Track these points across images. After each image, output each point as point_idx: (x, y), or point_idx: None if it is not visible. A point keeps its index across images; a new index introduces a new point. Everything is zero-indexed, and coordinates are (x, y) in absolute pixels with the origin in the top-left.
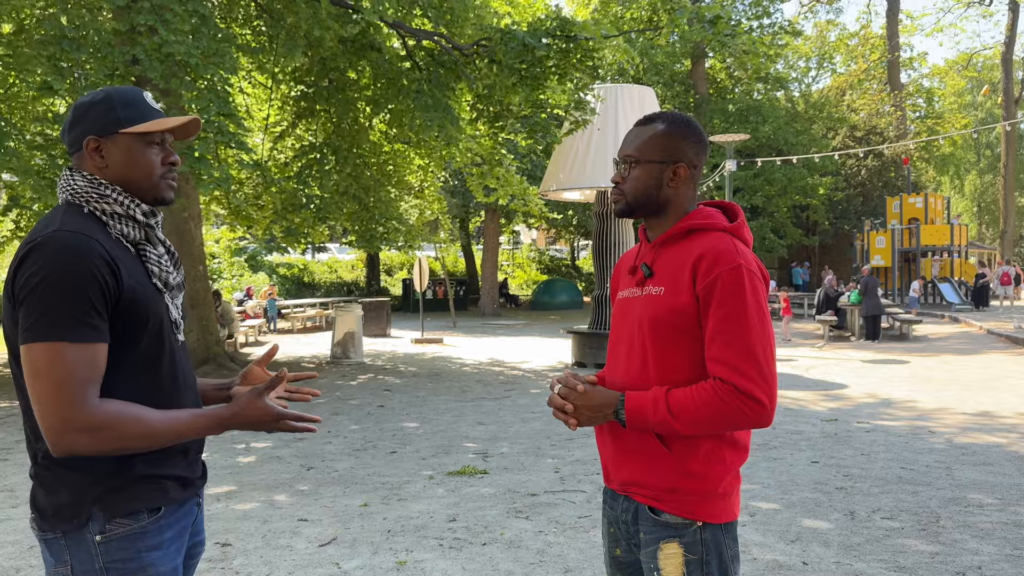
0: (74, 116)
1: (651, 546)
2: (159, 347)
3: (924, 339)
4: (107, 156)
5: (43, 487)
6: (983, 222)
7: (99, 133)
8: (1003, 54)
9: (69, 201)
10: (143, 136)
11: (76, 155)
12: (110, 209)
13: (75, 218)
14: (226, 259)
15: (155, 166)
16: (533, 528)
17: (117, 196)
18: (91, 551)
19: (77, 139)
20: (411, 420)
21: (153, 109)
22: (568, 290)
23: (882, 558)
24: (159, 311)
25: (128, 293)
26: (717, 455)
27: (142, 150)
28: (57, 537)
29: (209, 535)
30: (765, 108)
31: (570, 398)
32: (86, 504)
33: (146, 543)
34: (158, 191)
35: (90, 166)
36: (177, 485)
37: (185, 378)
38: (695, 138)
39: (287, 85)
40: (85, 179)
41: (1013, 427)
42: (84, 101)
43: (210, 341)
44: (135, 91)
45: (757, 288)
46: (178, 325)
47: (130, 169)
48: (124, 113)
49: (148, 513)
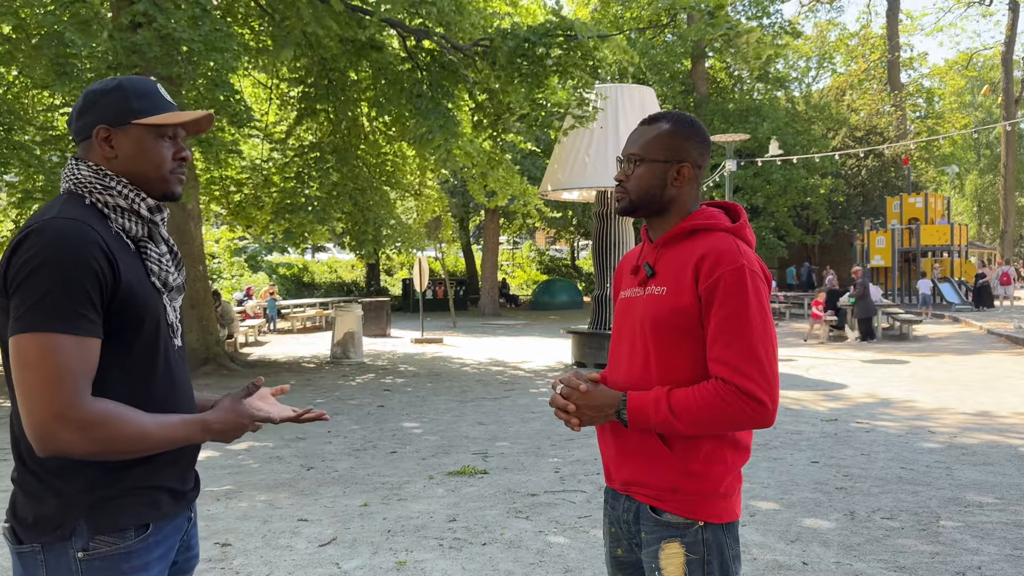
0: (84, 103)
1: (652, 546)
2: (154, 350)
3: (924, 339)
4: (117, 147)
5: (26, 494)
6: (983, 222)
7: (110, 122)
8: (1003, 54)
9: (71, 191)
10: (155, 128)
11: (84, 143)
12: (113, 202)
13: (75, 208)
14: (226, 259)
15: (166, 160)
16: (533, 528)
17: (122, 189)
18: (71, 568)
19: (87, 127)
20: (411, 420)
21: (167, 102)
22: (568, 290)
23: (882, 558)
24: (156, 312)
25: (124, 289)
26: (718, 455)
27: (153, 142)
28: (35, 550)
29: (209, 535)
30: (765, 108)
31: (572, 398)
32: (72, 515)
33: (130, 564)
34: (167, 185)
35: (98, 156)
36: (169, 498)
37: (181, 384)
38: (699, 138)
39: (286, 84)
40: (90, 169)
41: (1013, 427)
42: (96, 88)
43: (210, 341)
44: (149, 82)
45: (759, 289)
46: (175, 328)
47: (140, 161)
48: (137, 104)
49: (135, 531)
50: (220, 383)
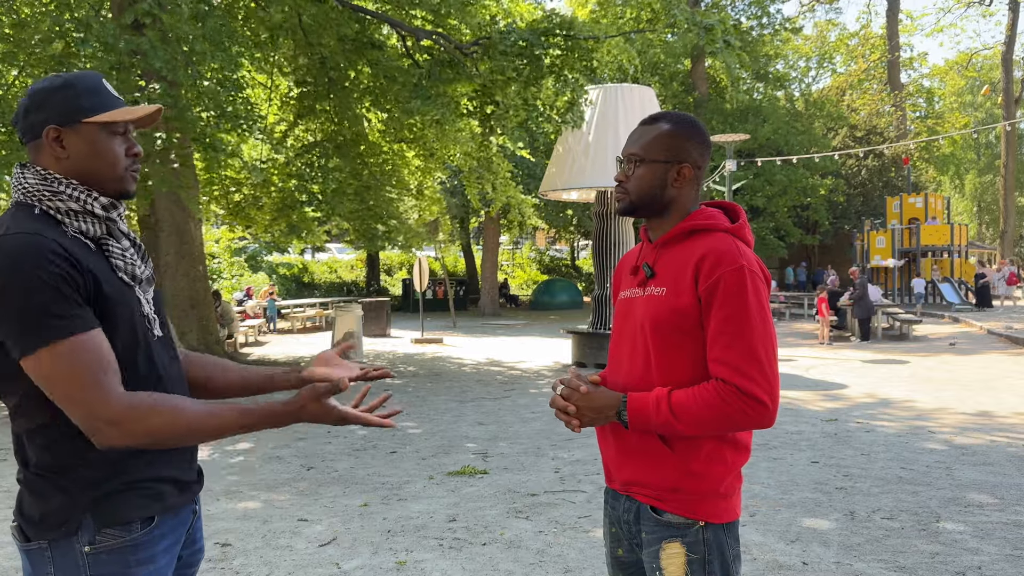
0: (31, 102)
1: (653, 546)
2: (132, 344)
3: (924, 339)
4: (68, 147)
5: (32, 492)
6: (983, 222)
7: (60, 122)
8: (1003, 54)
9: (19, 201)
10: (107, 126)
11: (32, 144)
12: (64, 207)
13: (25, 220)
14: (226, 259)
15: (120, 158)
16: (533, 528)
17: (72, 192)
18: (78, 562)
19: (35, 127)
20: (411, 420)
21: (116, 98)
22: (568, 290)
23: (882, 558)
24: (129, 305)
25: (94, 288)
26: (719, 455)
27: (106, 141)
28: (42, 547)
29: (209, 535)
30: (765, 108)
31: (572, 399)
32: (77, 511)
33: (136, 556)
34: (123, 184)
35: (48, 157)
36: (174, 489)
37: (170, 376)
38: (700, 139)
39: (286, 84)
40: (37, 176)
41: (1013, 427)
42: (42, 87)
43: (210, 341)
44: (96, 77)
45: (759, 289)
46: (152, 320)
47: (93, 160)
48: (87, 101)
49: (140, 524)
50: None
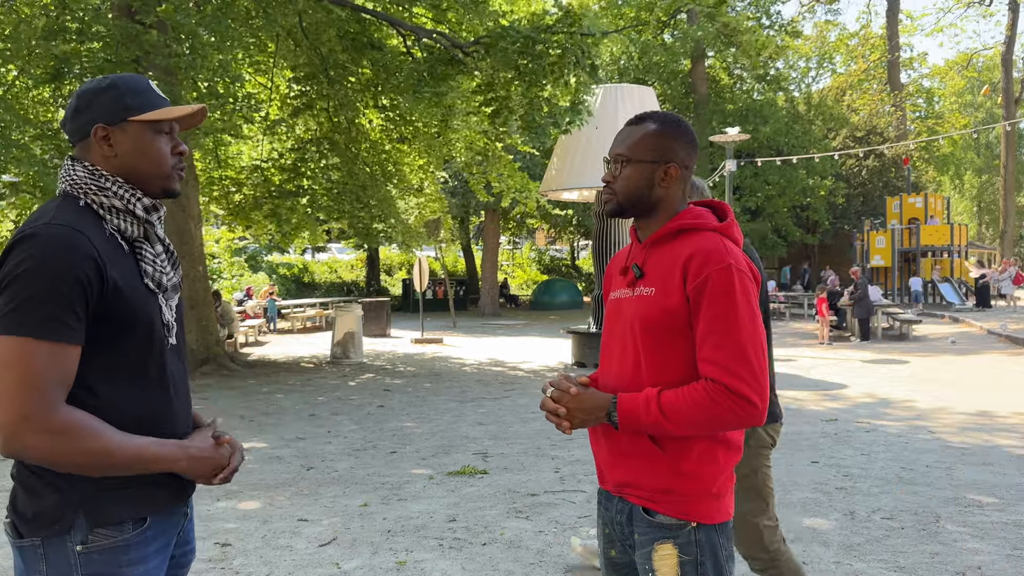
0: (79, 103)
1: (646, 547)
2: (148, 350)
3: (924, 339)
4: (116, 145)
5: (26, 489)
6: (983, 222)
7: (107, 121)
8: (1003, 54)
9: (67, 192)
10: (152, 125)
11: (81, 144)
12: (108, 203)
13: (69, 211)
14: (226, 259)
15: (166, 156)
16: (533, 528)
17: (117, 189)
18: (70, 561)
19: (83, 127)
20: (411, 420)
21: (160, 97)
22: (568, 290)
23: (882, 558)
24: (150, 313)
25: (113, 295)
26: (710, 455)
27: (152, 139)
28: (34, 544)
29: (209, 535)
30: (765, 109)
31: (562, 401)
32: (71, 509)
33: (128, 557)
34: (168, 182)
35: (97, 155)
36: (166, 492)
37: (176, 383)
38: (686, 138)
39: (285, 84)
40: (86, 170)
41: (1013, 427)
42: (89, 88)
43: (210, 341)
44: (142, 79)
45: (747, 288)
46: (170, 328)
47: (140, 158)
48: (133, 100)
49: (132, 525)
50: (220, 383)
